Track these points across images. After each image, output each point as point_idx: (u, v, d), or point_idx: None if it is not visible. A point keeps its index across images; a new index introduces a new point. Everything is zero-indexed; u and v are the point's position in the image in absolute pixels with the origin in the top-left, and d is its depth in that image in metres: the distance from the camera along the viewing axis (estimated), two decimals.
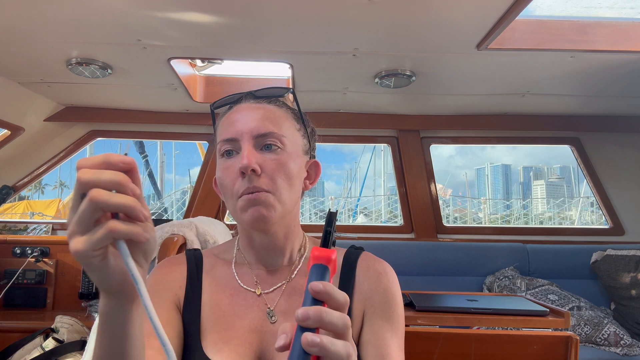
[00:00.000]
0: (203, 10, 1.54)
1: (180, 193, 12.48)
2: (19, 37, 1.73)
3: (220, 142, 0.79)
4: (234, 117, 0.79)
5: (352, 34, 1.70)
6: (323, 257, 0.48)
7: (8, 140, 2.56)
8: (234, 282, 0.82)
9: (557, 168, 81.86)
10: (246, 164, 0.72)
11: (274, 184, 0.74)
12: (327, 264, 0.47)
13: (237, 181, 0.74)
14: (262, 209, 0.73)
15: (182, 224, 1.51)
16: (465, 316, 1.51)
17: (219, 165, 0.79)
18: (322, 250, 0.48)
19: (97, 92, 2.41)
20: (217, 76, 2.52)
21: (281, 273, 0.83)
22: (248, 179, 0.73)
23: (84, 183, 0.43)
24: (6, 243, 2.56)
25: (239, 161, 0.74)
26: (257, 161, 0.73)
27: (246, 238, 0.83)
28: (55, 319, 2.07)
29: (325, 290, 0.44)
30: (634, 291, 2.54)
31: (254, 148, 0.75)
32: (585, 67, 2.01)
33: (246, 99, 0.82)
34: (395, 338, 0.78)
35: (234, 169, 0.75)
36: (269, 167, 0.74)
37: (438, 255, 2.80)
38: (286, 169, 0.76)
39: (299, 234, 0.86)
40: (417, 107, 2.67)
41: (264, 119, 0.77)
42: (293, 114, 0.84)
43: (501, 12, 1.50)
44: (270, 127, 0.76)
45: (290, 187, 0.77)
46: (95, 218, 0.44)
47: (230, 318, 0.78)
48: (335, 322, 0.43)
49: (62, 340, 1.95)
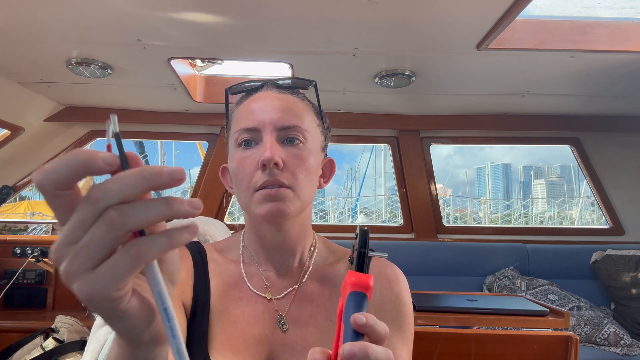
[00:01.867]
0: (203, 10, 1.54)
1: (180, 193, 12.50)
2: (19, 37, 1.73)
3: (238, 130, 0.73)
4: (255, 106, 0.74)
5: (352, 34, 1.70)
6: (362, 284, 0.45)
7: (8, 140, 2.56)
8: (244, 285, 0.77)
9: (557, 167, 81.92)
10: (269, 157, 0.68)
11: (295, 180, 0.71)
12: (365, 291, 0.45)
13: (256, 173, 0.70)
14: (281, 204, 0.69)
15: (181, 224, 1.51)
16: (465, 316, 1.51)
17: (233, 155, 0.75)
18: (360, 276, 0.45)
19: (97, 92, 2.41)
20: (217, 76, 2.52)
21: (291, 276, 0.79)
22: (269, 172, 0.69)
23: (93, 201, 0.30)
24: (6, 243, 2.56)
25: (259, 152, 0.70)
26: (279, 155, 0.70)
27: (256, 235, 0.78)
28: (55, 319, 2.08)
29: (368, 324, 0.42)
30: (634, 291, 2.54)
31: (277, 140, 0.72)
32: (585, 67, 2.01)
33: (268, 88, 0.77)
34: (405, 348, 0.75)
35: (253, 160, 0.71)
36: (290, 162, 0.71)
37: (438, 255, 2.80)
38: (307, 165, 0.73)
39: (310, 234, 0.82)
40: (417, 107, 2.67)
41: (287, 111, 0.73)
42: (313, 108, 0.80)
43: (501, 12, 1.50)
44: (294, 120, 0.73)
45: (310, 184, 0.74)
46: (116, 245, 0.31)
47: (239, 325, 0.73)
48: (380, 359, 0.41)
49: (62, 340, 1.95)
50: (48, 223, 2.94)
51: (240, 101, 0.79)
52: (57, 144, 2.86)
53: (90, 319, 2.18)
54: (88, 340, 1.13)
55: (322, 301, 0.76)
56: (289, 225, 0.75)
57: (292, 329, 0.74)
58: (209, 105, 2.56)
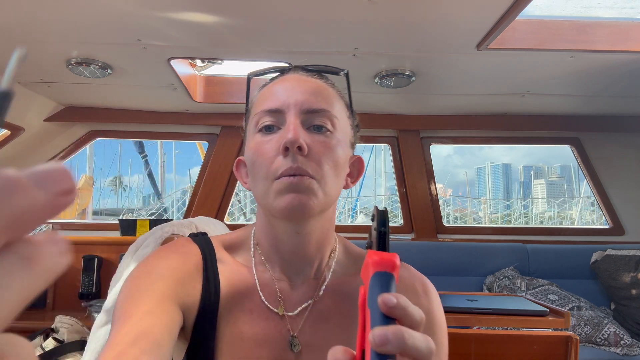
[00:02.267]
0: (203, 10, 1.54)
1: (180, 193, 12.49)
2: (19, 37, 1.73)
3: (258, 113, 0.65)
4: (279, 87, 0.66)
5: (352, 34, 1.70)
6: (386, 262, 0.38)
7: (8, 140, 2.56)
8: (255, 295, 0.67)
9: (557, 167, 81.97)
10: (292, 138, 0.59)
11: (320, 169, 0.61)
12: (392, 271, 0.38)
13: (277, 159, 0.61)
14: (304, 196, 0.60)
15: (182, 224, 1.51)
16: (465, 316, 1.51)
17: (251, 141, 0.66)
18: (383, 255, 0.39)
19: (97, 92, 2.41)
20: (217, 76, 2.52)
21: (307, 288, 0.69)
22: (292, 158, 0.60)
23: None
24: None
25: (281, 137, 0.62)
26: (304, 138, 0.61)
27: (270, 236, 0.68)
28: (55, 319, 2.07)
29: (400, 305, 0.35)
30: (634, 291, 2.54)
31: (302, 125, 0.63)
32: (585, 67, 2.01)
33: (295, 71, 0.69)
34: None
35: (274, 144, 0.62)
36: (316, 149, 0.62)
37: (438, 255, 2.80)
38: (335, 155, 0.63)
39: (332, 238, 0.72)
40: (417, 107, 2.67)
41: (316, 94, 0.65)
42: (343, 98, 0.72)
43: (501, 12, 1.50)
44: (323, 104, 0.64)
45: (336, 177, 0.64)
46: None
47: (247, 342, 0.64)
48: (420, 346, 0.34)
49: (62, 341, 1.95)
50: (48, 223, 2.94)
51: (263, 85, 0.70)
52: (57, 144, 2.86)
53: (90, 319, 2.18)
54: (88, 340, 1.13)
55: (338, 320, 0.68)
56: (309, 227, 0.66)
57: (305, 352, 0.65)
58: (209, 105, 2.56)
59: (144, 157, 9.37)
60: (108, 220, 5.93)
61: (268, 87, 0.68)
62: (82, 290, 2.47)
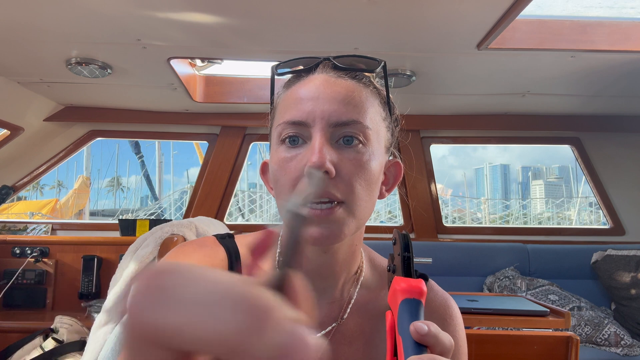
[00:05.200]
0: (203, 10, 1.54)
1: (179, 193, 12.48)
2: (19, 37, 1.73)
3: (282, 124, 0.58)
4: (305, 92, 0.58)
5: (352, 34, 1.70)
6: (414, 289, 0.39)
7: (8, 140, 2.56)
8: None
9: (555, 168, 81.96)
10: (318, 163, 0.53)
11: (351, 192, 0.56)
12: (419, 297, 0.39)
13: (301, 181, 0.56)
14: (333, 229, 0.55)
15: (181, 224, 1.50)
16: (466, 316, 1.49)
17: (275, 152, 0.60)
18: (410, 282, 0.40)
19: (97, 92, 2.40)
20: (217, 76, 2.52)
21: (331, 309, 0.64)
22: (317, 182, 0.55)
23: None
24: (6, 243, 2.56)
25: (305, 154, 0.56)
26: (331, 159, 0.55)
27: None
28: (55, 319, 2.07)
29: (432, 332, 0.36)
30: (634, 291, 2.54)
31: (329, 140, 0.56)
32: (585, 67, 2.01)
33: (323, 68, 0.61)
34: None
35: (298, 163, 0.56)
36: (346, 169, 0.56)
37: (438, 255, 2.80)
38: (367, 173, 0.57)
39: (359, 254, 0.67)
40: (417, 107, 2.67)
41: (346, 101, 0.57)
42: (379, 96, 0.64)
43: (501, 12, 1.50)
44: (353, 114, 0.57)
45: (369, 196, 0.58)
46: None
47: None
48: None
49: (62, 341, 1.95)
50: (48, 223, 2.94)
51: (289, 84, 0.63)
52: (57, 144, 2.86)
53: (90, 319, 2.17)
54: (88, 341, 1.13)
55: (362, 342, 0.64)
56: (337, 246, 0.60)
57: None
58: (209, 105, 2.56)
59: (140, 157, 9.36)
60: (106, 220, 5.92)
61: (292, 91, 0.61)
62: (81, 291, 2.47)
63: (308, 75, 0.61)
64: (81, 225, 3.10)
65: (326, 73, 0.60)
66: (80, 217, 11.72)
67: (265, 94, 2.56)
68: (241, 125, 2.83)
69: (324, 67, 0.61)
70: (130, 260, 1.23)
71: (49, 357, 1.87)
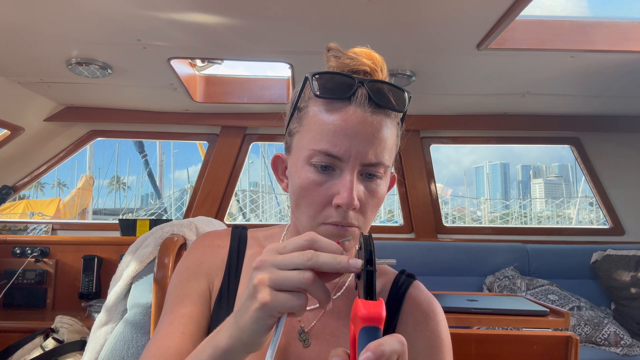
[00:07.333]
0: (203, 10, 1.54)
1: (179, 193, 12.48)
2: (19, 37, 1.73)
3: (316, 150, 0.63)
4: (344, 127, 0.62)
5: (352, 34, 1.71)
6: (373, 317, 0.41)
7: (8, 140, 2.56)
8: None
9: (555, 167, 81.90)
10: (349, 203, 0.61)
11: (365, 220, 0.65)
12: (378, 324, 0.41)
13: (327, 208, 0.63)
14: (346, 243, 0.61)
15: (182, 224, 1.50)
16: (465, 316, 1.51)
17: (302, 169, 0.65)
18: (369, 307, 0.41)
19: (97, 92, 2.41)
20: (217, 76, 2.52)
21: None
22: (343, 214, 0.62)
23: None
24: (6, 243, 2.56)
25: (335, 186, 0.63)
26: (358, 195, 0.62)
27: None
28: (55, 319, 2.07)
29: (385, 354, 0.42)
30: (634, 291, 2.54)
31: (357, 175, 0.63)
32: (585, 67, 2.01)
33: (362, 102, 0.64)
34: None
35: (326, 191, 0.63)
36: (365, 201, 0.64)
37: (438, 255, 2.80)
38: (378, 200, 0.66)
39: None
40: (417, 107, 2.67)
41: (377, 143, 0.63)
42: (398, 116, 0.71)
43: (501, 12, 1.50)
44: (380, 156, 0.63)
45: (374, 215, 0.68)
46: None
47: None
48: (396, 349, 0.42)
49: (62, 340, 1.95)
50: (48, 223, 2.94)
51: (324, 106, 0.65)
52: (57, 144, 2.86)
53: (90, 319, 2.18)
54: (88, 340, 1.13)
55: (347, 320, 0.71)
56: None
57: (315, 344, 0.70)
58: (209, 105, 2.56)
59: (144, 156, 9.34)
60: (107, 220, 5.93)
61: (330, 119, 0.63)
62: (82, 290, 2.47)
63: (345, 106, 0.63)
64: (81, 225, 3.10)
65: (362, 109, 0.63)
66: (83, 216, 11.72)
67: (265, 94, 2.56)
68: (241, 125, 2.83)
69: (362, 101, 0.64)
70: (131, 260, 1.23)
71: (49, 356, 1.87)
